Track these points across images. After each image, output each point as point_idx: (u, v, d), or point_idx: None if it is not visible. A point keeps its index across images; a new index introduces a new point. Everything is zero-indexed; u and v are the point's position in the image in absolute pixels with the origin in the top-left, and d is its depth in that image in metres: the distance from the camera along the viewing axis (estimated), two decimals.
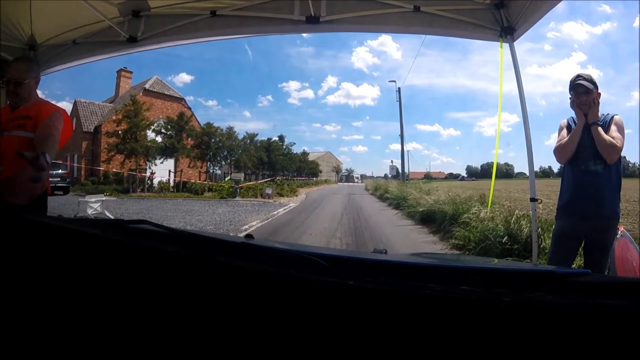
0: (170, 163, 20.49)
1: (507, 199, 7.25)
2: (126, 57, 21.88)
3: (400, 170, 26.30)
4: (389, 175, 53.32)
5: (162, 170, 19.23)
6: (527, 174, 2.86)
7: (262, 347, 0.48)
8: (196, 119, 24.08)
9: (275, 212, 10.72)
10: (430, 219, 7.76)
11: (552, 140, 2.37)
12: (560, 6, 2.47)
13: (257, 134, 29.59)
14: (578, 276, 0.65)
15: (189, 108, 24.89)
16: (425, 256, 1.16)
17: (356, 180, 57.16)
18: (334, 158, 59.32)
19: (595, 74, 2.30)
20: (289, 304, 0.58)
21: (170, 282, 0.64)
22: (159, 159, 19.26)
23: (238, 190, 16.25)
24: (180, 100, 24.81)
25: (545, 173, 68.94)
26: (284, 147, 33.65)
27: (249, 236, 1.15)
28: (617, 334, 0.46)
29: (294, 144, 36.91)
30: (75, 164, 21.36)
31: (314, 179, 40.33)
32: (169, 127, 20.20)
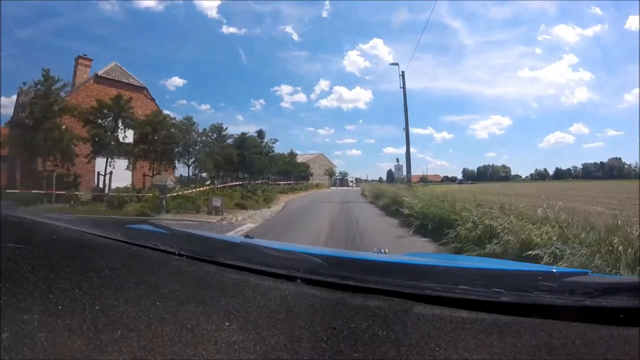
0: (123, 164, 14.69)
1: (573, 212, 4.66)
2: (114, 60, 19.30)
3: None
4: (384, 179, 52.78)
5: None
6: (523, 177, 2.68)
7: (262, 347, 0.48)
8: (162, 112, 17.93)
9: None
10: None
11: (546, 143, 2.26)
12: (551, 8, 2.39)
13: (226, 127, 20.93)
14: (577, 276, 0.65)
15: (153, 99, 19.83)
16: (425, 256, 1.17)
17: (351, 184, 54.11)
18: (327, 160, 54.95)
19: (587, 76, 2.24)
20: (289, 303, 0.59)
21: (171, 282, 0.64)
22: (90, 157, 13.37)
23: (165, 203, 10.34)
24: (141, 89, 19.54)
25: (541, 175, 69.47)
26: (264, 144, 26.40)
27: (248, 236, 1.15)
28: (616, 333, 0.47)
29: (276, 140, 28.33)
30: None
31: (304, 182, 35.69)
32: (98, 114, 13.31)
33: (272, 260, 0.76)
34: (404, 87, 17.91)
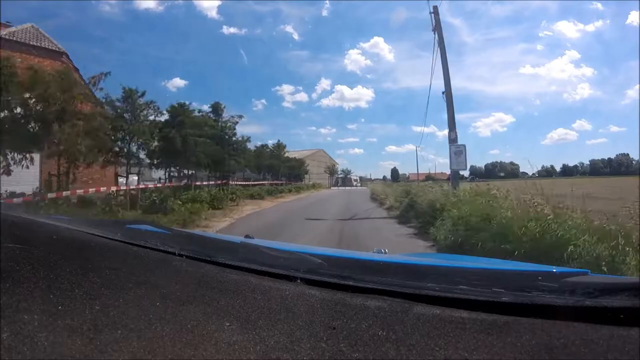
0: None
1: None
2: (114, 61, 18.23)
3: (455, 162, 9.47)
4: (388, 177, 51.09)
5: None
6: (529, 173, 2.72)
7: (262, 347, 0.48)
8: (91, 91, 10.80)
9: None
10: None
11: (549, 140, 2.26)
12: (552, 5, 2.37)
13: (144, 92, 11.77)
14: (577, 276, 0.64)
15: (77, 70, 12.67)
16: (425, 256, 1.16)
17: (355, 183, 48.76)
18: (327, 157, 49.01)
19: (589, 72, 2.21)
20: (289, 304, 0.59)
21: (171, 282, 0.65)
22: None
23: None
24: (60, 54, 14.29)
25: (548, 172, 68.92)
26: (221, 124, 16.89)
27: (248, 236, 1.16)
28: (616, 333, 0.46)
29: (241, 117, 18.38)
30: None
31: (296, 183, 28.87)
32: None
33: (272, 260, 0.76)
34: (438, 27, 11.30)
